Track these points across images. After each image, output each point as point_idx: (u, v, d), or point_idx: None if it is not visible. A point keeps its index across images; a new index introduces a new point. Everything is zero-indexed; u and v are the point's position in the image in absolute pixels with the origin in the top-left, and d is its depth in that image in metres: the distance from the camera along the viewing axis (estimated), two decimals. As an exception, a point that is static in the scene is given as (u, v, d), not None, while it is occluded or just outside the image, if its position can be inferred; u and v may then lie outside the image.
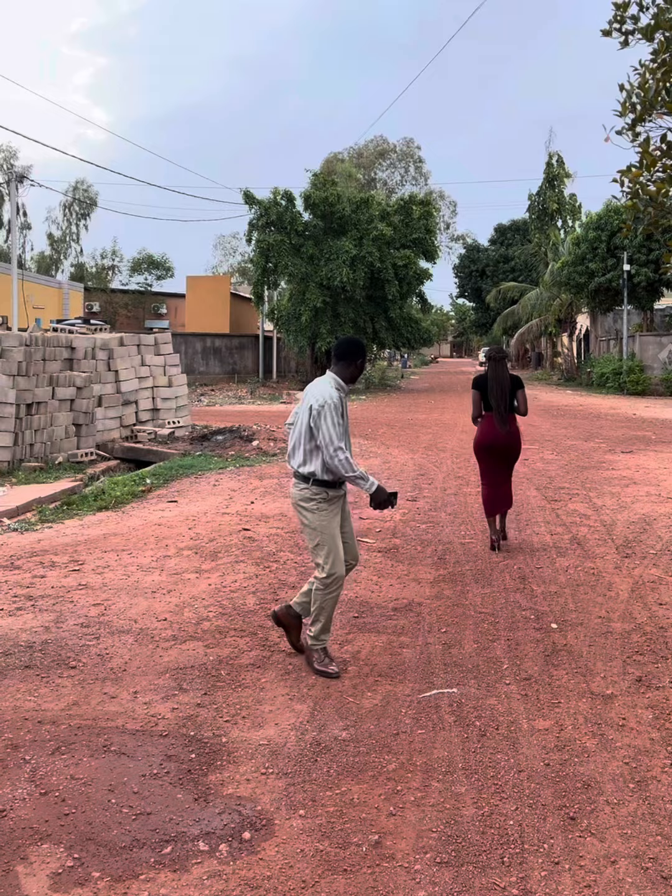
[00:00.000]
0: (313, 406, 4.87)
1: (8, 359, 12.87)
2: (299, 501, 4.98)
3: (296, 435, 5.00)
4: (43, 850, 3.20)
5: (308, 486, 4.92)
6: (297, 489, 5.00)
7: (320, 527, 4.92)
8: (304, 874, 3.07)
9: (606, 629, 5.75)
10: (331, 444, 4.79)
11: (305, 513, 4.96)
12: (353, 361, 5.06)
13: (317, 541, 4.94)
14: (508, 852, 3.21)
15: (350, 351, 5.07)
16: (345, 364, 5.05)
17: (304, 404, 5.00)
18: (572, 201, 49.59)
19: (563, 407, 26.08)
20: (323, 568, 4.93)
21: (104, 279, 50.52)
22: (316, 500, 4.92)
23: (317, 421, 4.84)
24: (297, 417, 5.06)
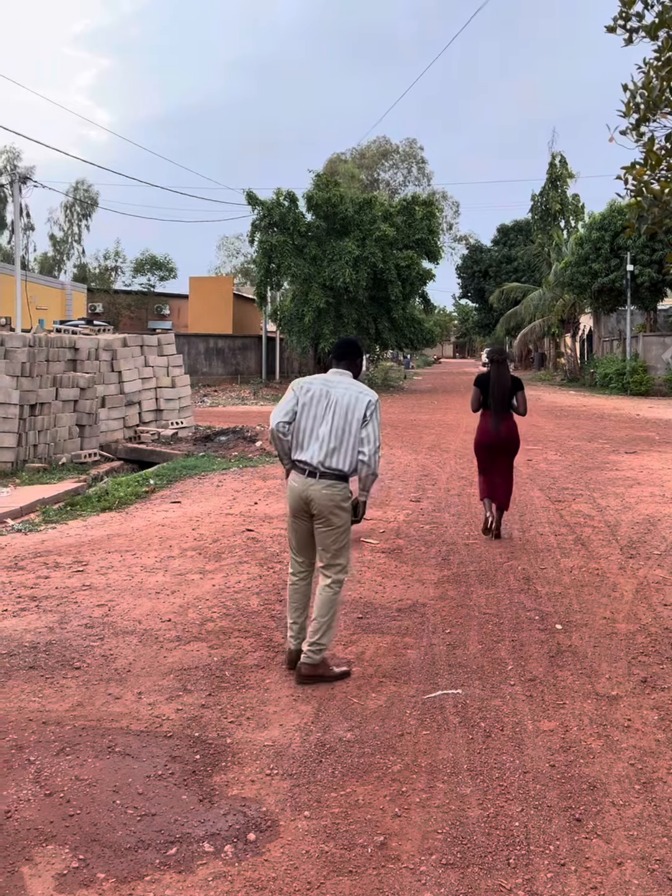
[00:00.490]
0: (371, 401, 4.82)
1: (12, 360, 12.88)
2: (340, 503, 4.79)
3: (333, 435, 4.77)
4: (48, 851, 3.20)
5: (346, 486, 4.83)
6: (336, 489, 4.77)
7: (348, 527, 4.90)
8: (309, 875, 3.06)
9: (611, 630, 5.74)
10: (378, 441, 4.80)
11: (342, 513, 4.81)
12: (354, 360, 5.10)
13: (345, 541, 4.90)
14: (514, 854, 3.20)
15: (351, 351, 5.11)
16: (347, 364, 5.05)
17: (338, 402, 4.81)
18: (575, 202, 49.58)
19: (566, 407, 26.06)
20: (345, 568, 4.92)
21: (107, 280, 50.59)
22: (349, 500, 4.87)
23: (373, 415, 4.79)
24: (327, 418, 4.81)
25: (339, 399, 4.83)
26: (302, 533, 5.02)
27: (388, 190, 57.58)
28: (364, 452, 4.76)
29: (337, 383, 4.92)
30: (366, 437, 4.76)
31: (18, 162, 45.61)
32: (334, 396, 4.85)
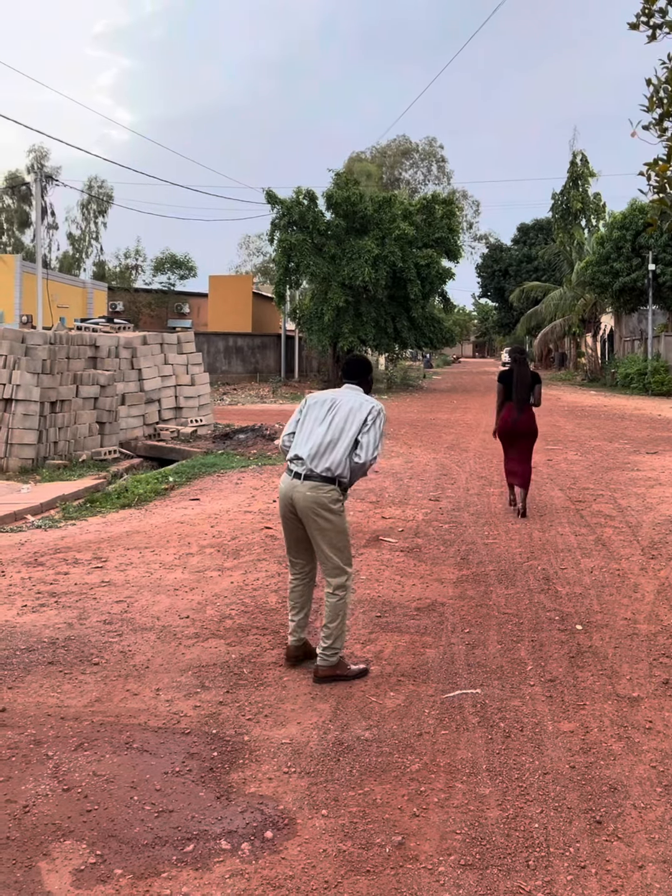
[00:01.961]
0: (374, 408, 4.86)
1: (33, 357, 12.96)
2: (327, 504, 4.75)
3: (329, 438, 4.79)
4: (65, 846, 3.20)
5: (335, 488, 4.80)
6: (321, 491, 4.76)
7: (345, 528, 4.89)
8: (326, 874, 3.04)
9: (632, 631, 5.69)
10: (378, 447, 4.81)
11: (333, 516, 4.78)
12: (365, 378, 5.15)
13: (345, 542, 4.88)
14: (534, 855, 3.16)
15: (361, 370, 5.16)
16: (358, 382, 5.11)
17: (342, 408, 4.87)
18: (596, 200, 49.19)
19: (587, 408, 25.90)
20: (345, 572, 4.87)
21: (127, 278, 50.77)
22: (341, 502, 4.85)
23: (374, 422, 4.82)
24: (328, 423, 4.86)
25: (343, 404, 4.90)
26: (293, 535, 5.01)
27: (409, 189, 57.46)
28: (360, 456, 4.77)
29: (346, 393, 5.02)
30: (365, 442, 4.77)
31: (46, 161, 45.85)
32: (339, 402, 4.93)
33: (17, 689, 4.62)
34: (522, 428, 9.48)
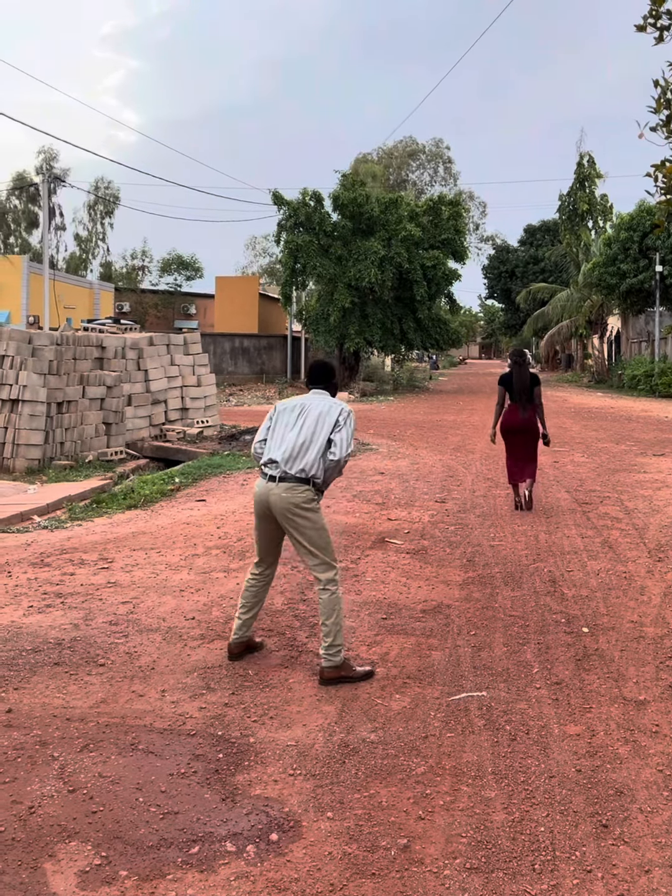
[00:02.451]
0: (344, 409, 5.00)
1: (40, 357, 12.98)
2: (302, 504, 4.84)
3: (302, 440, 4.90)
4: (71, 847, 3.20)
5: (310, 488, 4.91)
6: (296, 492, 4.84)
7: (324, 525, 4.97)
8: (331, 877, 3.04)
9: (639, 634, 5.67)
10: (350, 446, 4.93)
11: (310, 514, 4.87)
12: (330, 382, 5.27)
13: (326, 538, 4.95)
14: (540, 859, 3.15)
15: (325, 374, 5.29)
16: (323, 386, 5.23)
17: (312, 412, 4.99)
18: (603, 202, 49.09)
19: (593, 409, 25.85)
20: (331, 567, 4.95)
21: (134, 279, 50.85)
22: (316, 501, 4.96)
23: (346, 422, 4.94)
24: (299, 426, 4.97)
25: (313, 408, 5.03)
26: (266, 536, 5.13)
27: (415, 190, 57.43)
28: (334, 453, 4.90)
29: (313, 398, 5.14)
30: (338, 441, 4.90)
31: (55, 163, 45.91)
32: (308, 406, 5.06)
33: (22, 690, 4.63)
34: (525, 425, 9.85)
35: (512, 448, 10.03)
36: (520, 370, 9.86)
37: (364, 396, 31.80)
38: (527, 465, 9.94)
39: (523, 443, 9.93)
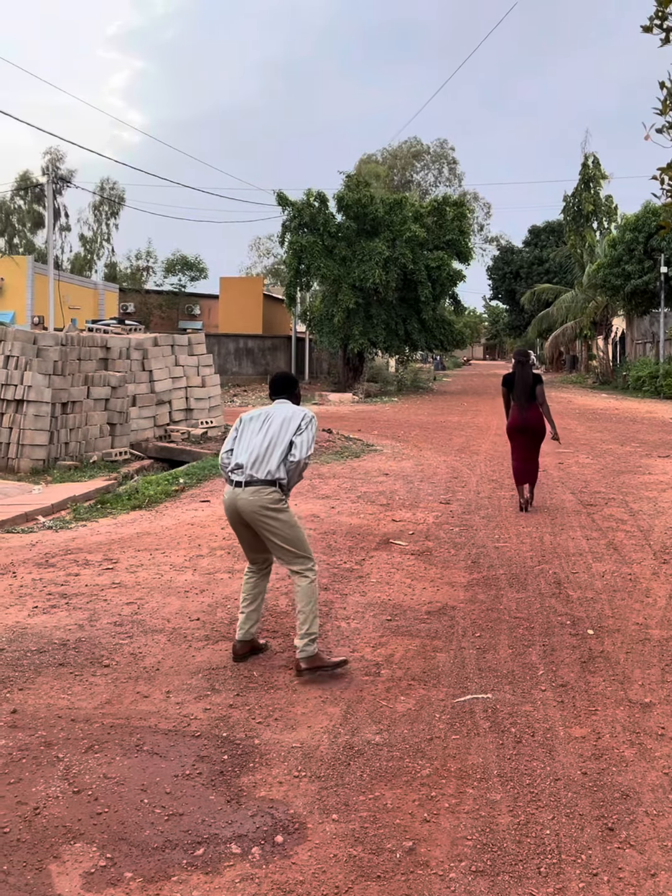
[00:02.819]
0: (307, 415, 5.18)
1: (44, 358, 12.99)
2: (269, 505, 4.98)
3: (267, 444, 5.06)
4: (76, 849, 3.20)
5: (276, 489, 5.03)
6: (263, 494, 4.98)
7: (295, 523, 5.09)
8: (337, 880, 3.03)
9: (644, 636, 5.66)
10: (310, 448, 5.08)
11: (279, 514, 5.01)
12: (292, 392, 5.41)
13: (299, 534, 5.07)
14: (545, 862, 3.14)
15: (287, 385, 5.42)
16: (289, 395, 5.38)
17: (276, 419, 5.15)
18: (608, 203, 49.04)
19: (598, 410, 25.81)
20: (308, 559, 5.07)
21: (139, 280, 50.90)
22: (284, 501, 5.08)
23: (307, 427, 5.10)
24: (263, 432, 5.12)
25: (277, 415, 5.21)
26: (245, 541, 5.28)
27: (420, 191, 57.41)
28: (294, 455, 5.04)
29: (277, 406, 5.31)
30: (299, 443, 5.06)
31: (61, 164, 45.95)
32: (272, 414, 5.23)
33: (27, 691, 4.63)
34: (529, 424, 9.90)
35: (517, 448, 10.11)
36: (522, 369, 9.93)
37: (368, 397, 31.80)
38: (526, 465, 10.00)
39: (525, 443, 10.00)
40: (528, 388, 9.86)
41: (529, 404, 9.87)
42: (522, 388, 9.87)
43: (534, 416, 9.90)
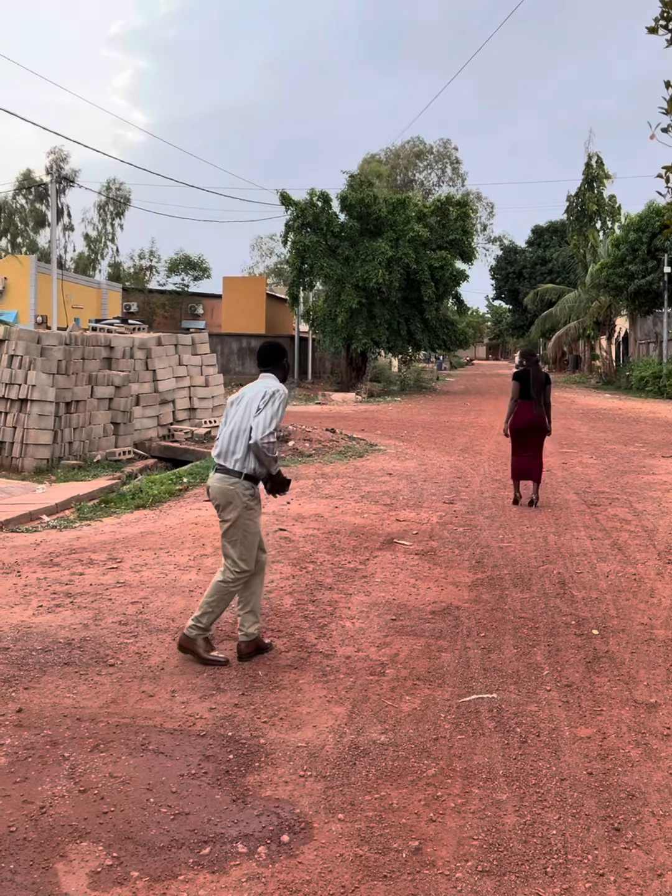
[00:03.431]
0: (267, 391, 5.00)
1: (48, 357, 13.00)
2: (231, 496, 5.00)
3: (234, 431, 5.04)
4: (82, 848, 3.20)
5: (239, 481, 5.01)
6: (227, 483, 5.00)
7: (241, 524, 5.04)
8: (343, 879, 3.03)
9: (649, 636, 5.65)
10: (267, 428, 4.91)
11: (231, 507, 5.02)
12: (279, 363, 5.28)
13: (235, 537, 5.06)
14: (552, 862, 3.14)
15: (273, 355, 5.27)
16: (274, 367, 5.25)
17: (244, 400, 5.10)
18: (612, 203, 49.03)
19: (601, 410, 25.80)
20: (237, 563, 5.07)
21: (142, 279, 50.93)
22: (248, 496, 5.03)
23: (266, 404, 4.94)
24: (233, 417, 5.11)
25: (245, 398, 5.12)
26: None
27: (422, 190, 57.38)
28: (251, 437, 4.93)
29: (253, 385, 5.21)
30: (255, 424, 4.94)
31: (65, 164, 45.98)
32: (243, 396, 5.15)
33: (33, 690, 4.63)
34: (539, 422, 10.11)
35: (521, 445, 10.19)
36: (536, 369, 10.15)
37: (371, 397, 31.80)
38: (533, 463, 10.14)
39: (532, 440, 10.13)
40: (543, 388, 10.09)
41: (539, 402, 10.08)
42: (538, 388, 10.06)
43: (542, 414, 10.11)
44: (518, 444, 10.24)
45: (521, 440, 10.18)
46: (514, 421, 10.15)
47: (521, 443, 10.19)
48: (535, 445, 10.18)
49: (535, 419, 10.08)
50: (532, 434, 10.14)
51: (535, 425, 10.11)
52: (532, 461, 10.15)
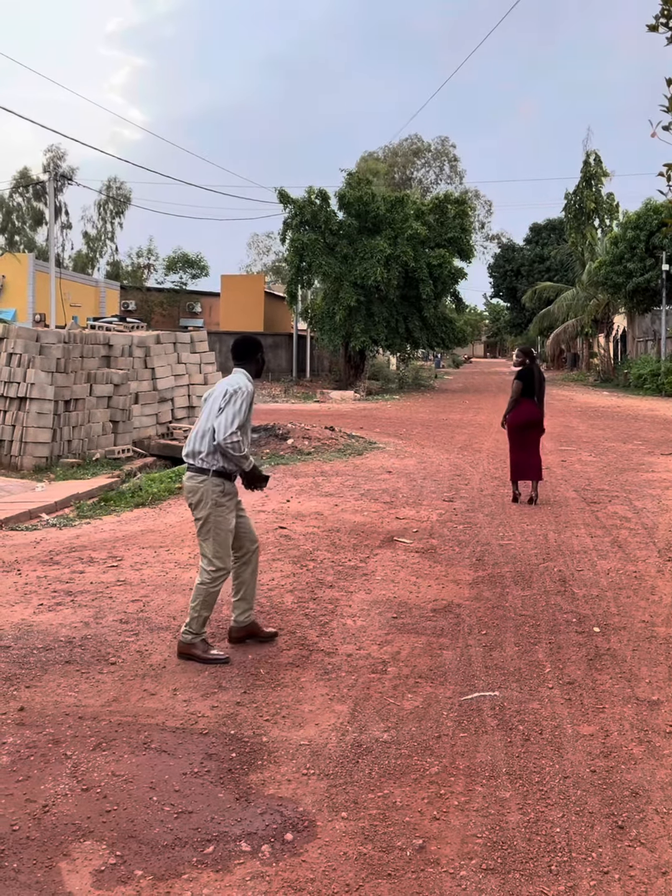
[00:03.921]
0: (228, 390, 5.02)
1: (47, 356, 12.98)
2: (200, 494, 5.01)
3: (198, 431, 5.08)
4: (85, 846, 3.19)
5: (207, 479, 5.03)
6: (196, 481, 5.03)
7: (212, 520, 5.04)
8: (347, 878, 3.03)
9: (650, 634, 5.65)
10: (229, 428, 4.91)
11: (201, 506, 5.03)
12: (253, 357, 5.27)
13: (207, 536, 5.06)
14: (556, 860, 3.14)
15: (247, 349, 5.28)
16: (247, 362, 5.25)
17: (210, 399, 5.13)
18: (610, 200, 49.03)
19: (599, 408, 25.80)
20: (212, 562, 5.06)
21: (140, 278, 50.89)
22: (217, 493, 5.03)
23: (227, 404, 4.95)
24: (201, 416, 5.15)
25: (212, 397, 5.14)
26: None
27: (421, 188, 57.36)
28: (214, 438, 4.96)
29: (222, 381, 5.22)
30: (217, 425, 4.96)
31: (62, 162, 45.92)
32: (210, 395, 5.17)
33: (34, 688, 4.62)
34: (539, 420, 10.31)
35: (520, 442, 10.25)
36: (538, 366, 10.39)
37: (370, 395, 31.80)
38: (532, 460, 10.22)
39: (531, 437, 10.26)
40: (543, 385, 10.31)
41: (541, 400, 10.27)
42: (541, 385, 10.24)
43: (542, 411, 10.30)
44: (517, 441, 10.29)
45: (521, 436, 10.24)
46: (516, 416, 10.21)
47: (521, 439, 10.25)
48: (534, 442, 10.28)
49: (536, 416, 10.20)
50: (531, 430, 10.25)
51: (536, 421, 10.23)
52: (531, 458, 10.21)
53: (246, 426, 5.07)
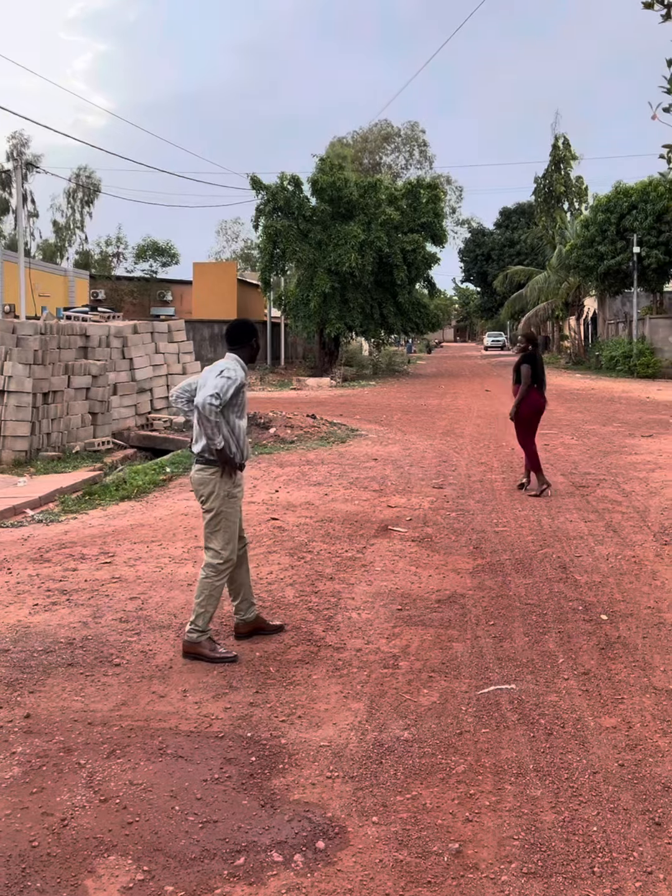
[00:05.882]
0: (217, 367, 4.98)
1: (24, 347, 12.70)
2: (205, 486, 4.95)
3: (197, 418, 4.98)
4: (110, 862, 3.06)
5: (206, 466, 4.97)
6: (203, 473, 4.96)
7: (219, 511, 4.96)
8: (386, 887, 2.92)
9: (658, 620, 5.60)
10: (213, 390, 4.81)
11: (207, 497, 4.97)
12: (249, 342, 5.19)
13: (216, 527, 4.98)
14: (598, 861, 3.06)
15: (245, 333, 5.19)
16: (240, 347, 5.16)
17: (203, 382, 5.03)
18: (579, 184, 49.20)
19: (574, 391, 25.87)
20: (219, 553, 4.97)
21: (109, 266, 50.23)
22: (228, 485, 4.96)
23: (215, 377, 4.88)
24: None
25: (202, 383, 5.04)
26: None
27: (391, 173, 57.12)
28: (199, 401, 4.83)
29: (211, 367, 5.12)
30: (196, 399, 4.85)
31: (26, 149, 45.08)
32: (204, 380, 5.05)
33: (39, 694, 4.47)
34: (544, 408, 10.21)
35: (532, 432, 10.07)
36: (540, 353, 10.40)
37: (345, 381, 31.67)
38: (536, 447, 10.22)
39: (536, 426, 10.19)
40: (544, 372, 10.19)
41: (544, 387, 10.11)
42: (543, 372, 10.05)
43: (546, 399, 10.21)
44: (530, 432, 10.05)
45: (531, 426, 10.06)
46: (527, 407, 9.90)
47: (533, 429, 10.09)
48: (534, 431, 10.21)
49: (544, 404, 10.13)
50: (537, 419, 10.17)
51: (543, 409, 10.18)
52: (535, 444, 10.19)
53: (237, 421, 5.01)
